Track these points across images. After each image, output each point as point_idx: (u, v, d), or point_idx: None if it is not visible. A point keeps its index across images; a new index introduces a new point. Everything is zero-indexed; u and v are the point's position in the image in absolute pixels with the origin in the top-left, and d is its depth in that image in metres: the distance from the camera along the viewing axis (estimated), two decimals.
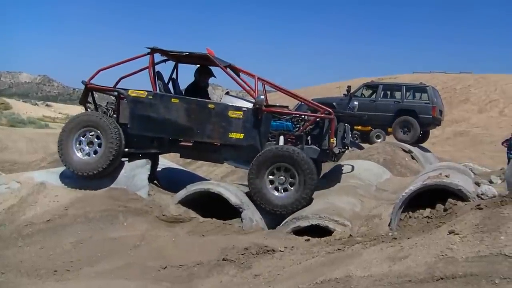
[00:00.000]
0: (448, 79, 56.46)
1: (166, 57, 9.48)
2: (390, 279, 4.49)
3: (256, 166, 8.38)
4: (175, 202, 8.53)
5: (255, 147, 8.66)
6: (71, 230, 7.55)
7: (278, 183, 8.41)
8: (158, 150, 9.31)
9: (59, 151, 8.73)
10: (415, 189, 7.34)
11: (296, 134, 8.85)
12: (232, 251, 6.68)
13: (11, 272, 6.40)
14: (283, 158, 8.29)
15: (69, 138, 8.67)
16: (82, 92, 9.32)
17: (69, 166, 8.63)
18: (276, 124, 8.97)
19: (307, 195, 8.26)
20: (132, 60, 9.15)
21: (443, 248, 4.77)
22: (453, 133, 38.40)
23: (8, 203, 8.17)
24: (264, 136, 8.73)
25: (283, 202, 8.32)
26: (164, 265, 6.45)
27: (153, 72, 9.07)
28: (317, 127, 8.95)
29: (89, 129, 8.69)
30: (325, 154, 8.77)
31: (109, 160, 8.52)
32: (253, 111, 8.65)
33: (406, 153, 15.57)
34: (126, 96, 8.88)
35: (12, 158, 18.09)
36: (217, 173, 14.52)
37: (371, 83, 20.81)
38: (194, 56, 9.13)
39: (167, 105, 8.80)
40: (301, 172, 8.20)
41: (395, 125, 17.76)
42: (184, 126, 8.79)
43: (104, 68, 9.22)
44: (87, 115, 8.89)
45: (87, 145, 8.73)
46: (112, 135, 8.53)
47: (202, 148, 9.08)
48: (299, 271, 5.56)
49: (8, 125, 34.23)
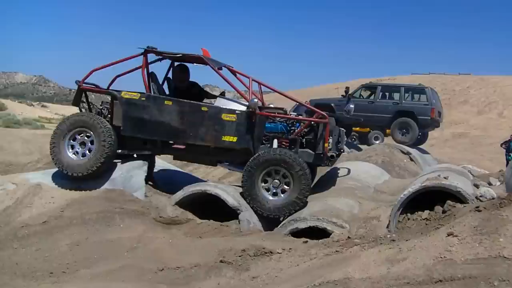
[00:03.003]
0: (447, 80, 56.69)
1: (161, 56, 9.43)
2: (388, 281, 4.47)
3: (249, 170, 8.36)
4: (172, 204, 8.48)
5: (248, 150, 8.64)
6: (67, 232, 7.51)
7: (272, 186, 8.39)
8: (151, 152, 9.27)
9: (51, 151, 8.67)
10: (414, 191, 7.30)
11: (290, 138, 8.83)
12: (230, 253, 6.66)
13: (6, 274, 6.38)
14: (276, 162, 8.26)
15: (61, 139, 8.63)
16: (75, 92, 9.27)
17: (61, 167, 8.58)
18: (270, 126, 8.94)
19: (302, 199, 8.23)
20: (126, 60, 9.12)
21: (442, 250, 4.75)
22: (452, 135, 38.46)
23: (4, 205, 8.12)
24: (258, 139, 8.68)
25: (277, 205, 8.29)
26: (161, 267, 6.44)
27: (147, 73, 9.04)
28: (311, 130, 8.89)
29: (82, 129, 8.65)
30: (319, 158, 8.70)
31: (101, 160, 8.48)
32: (247, 114, 8.61)
33: (404, 155, 15.53)
34: (119, 97, 8.85)
35: (7, 159, 18.01)
36: (214, 174, 14.46)
37: (370, 84, 20.77)
38: (188, 58, 9.13)
39: (160, 107, 8.77)
40: (296, 175, 8.17)
41: (394, 127, 17.72)
42: (177, 129, 8.77)
43: (98, 68, 9.18)
44: (80, 116, 8.83)
45: (80, 146, 8.69)
46: (104, 136, 8.50)
47: (195, 151, 9.04)
48: (297, 273, 5.54)
49: (3, 126, 34.08)
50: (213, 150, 8.96)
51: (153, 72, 9.28)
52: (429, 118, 17.51)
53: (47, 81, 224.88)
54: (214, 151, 8.97)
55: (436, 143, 31.76)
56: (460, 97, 50.27)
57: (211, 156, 9.13)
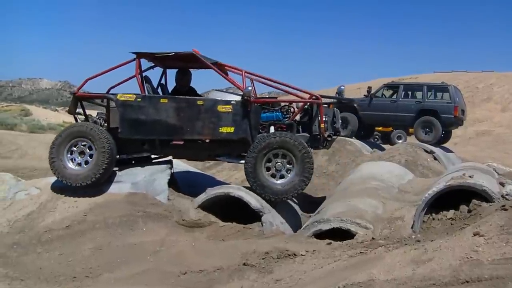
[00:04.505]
0: (470, 78, 56.08)
1: (153, 63, 9.60)
2: (414, 282, 4.41)
3: (251, 157, 8.43)
4: (195, 207, 8.49)
5: (246, 141, 8.71)
6: (90, 236, 7.57)
7: (276, 170, 8.46)
8: (150, 153, 9.33)
9: (51, 165, 8.66)
10: (438, 190, 7.20)
11: (287, 123, 8.94)
12: (253, 255, 6.64)
13: (30, 279, 6.44)
14: (277, 144, 8.34)
15: (60, 151, 8.63)
16: (71, 101, 9.29)
17: (62, 178, 8.58)
18: (266, 116, 9.03)
19: (307, 178, 8.37)
20: (120, 67, 9.17)
21: (468, 250, 4.68)
22: (475, 133, 38.04)
23: (28, 210, 8.21)
24: (254, 128, 8.78)
25: (283, 188, 8.39)
26: (184, 270, 6.45)
27: (141, 76, 9.10)
28: (306, 114, 9.09)
29: (80, 139, 8.67)
30: (316, 140, 8.92)
31: (102, 168, 8.48)
32: (242, 104, 8.70)
33: (428, 154, 15.36)
34: (115, 100, 8.90)
35: (31, 164, 18.20)
36: (237, 177, 14.44)
37: (392, 84, 20.67)
38: (181, 56, 9.11)
39: (157, 106, 8.83)
40: (298, 155, 8.29)
41: (417, 126, 17.54)
42: (174, 125, 8.82)
43: (92, 77, 9.19)
44: (77, 126, 8.87)
45: (79, 156, 8.69)
46: (103, 143, 8.51)
47: (193, 147, 9.12)
48: (321, 275, 5.49)
49: (28, 131, 34.48)
50: (211, 144, 9.07)
51: (146, 76, 9.42)
52: (453, 117, 17.31)
53: (72, 86, 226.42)
54: (212, 145, 9.08)
55: (459, 141, 31.50)
56: (483, 95, 49.72)
57: (210, 150, 9.23)
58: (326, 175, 13.77)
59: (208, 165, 15.19)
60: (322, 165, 14.18)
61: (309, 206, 9.57)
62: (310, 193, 10.92)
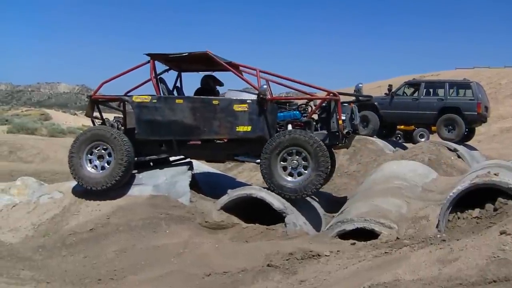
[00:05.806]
0: (492, 74, 55.38)
1: (168, 67, 9.64)
2: (440, 282, 4.37)
3: (265, 156, 8.41)
4: (218, 208, 8.49)
5: (264, 139, 8.66)
6: (114, 238, 7.62)
7: (291, 168, 8.43)
8: (168, 154, 9.36)
9: (70, 169, 8.75)
10: (463, 189, 7.12)
11: (304, 121, 8.92)
12: (277, 256, 6.62)
13: (56, 282, 6.49)
14: (290, 142, 8.33)
15: (79, 154, 8.71)
16: (88, 104, 9.39)
17: (75, 175, 8.67)
18: (283, 115, 9.04)
19: (323, 173, 8.30)
20: (134, 69, 9.28)
21: (495, 249, 4.61)
22: (499, 130, 37.58)
23: (52, 213, 8.29)
24: (272, 127, 8.75)
25: (300, 185, 8.33)
26: (208, 272, 6.44)
27: (155, 77, 9.14)
28: (323, 111, 9.02)
29: (103, 143, 8.74)
30: (335, 137, 8.81)
31: (115, 180, 8.53)
32: (258, 102, 8.67)
33: (451, 152, 15.17)
34: (130, 102, 8.95)
35: (52, 168, 18.36)
36: (258, 177, 14.42)
37: (413, 81, 20.49)
38: (195, 58, 9.13)
39: (172, 107, 8.87)
40: (312, 151, 8.23)
41: (439, 123, 17.36)
42: (191, 125, 8.84)
43: (108, 80, 9.34)
44: (103, 130, 8.91)
45: (98, 159, 8.77)
46: (121, 147, 8.56)
47: (211, 147, 9.13)
48: (345, 276, 5.45)
49: (48, 135, 34.89)
50: (228, 144, 9.07)
51: (161, 77, 9.47)
52: (476, 114, 17.10)
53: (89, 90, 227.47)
54: (229, 145, 9.09)
55: (483, 139, 31.10)
56: (506, 91, 49.03)
57: (227, 150, 9.21)
58: (347, 174, 13.71)
59: (229, 166, 15.20)
60: (343, 165, 14.11)
61: (332, 206, 9.54)
62: (331, 192, 10.88)
